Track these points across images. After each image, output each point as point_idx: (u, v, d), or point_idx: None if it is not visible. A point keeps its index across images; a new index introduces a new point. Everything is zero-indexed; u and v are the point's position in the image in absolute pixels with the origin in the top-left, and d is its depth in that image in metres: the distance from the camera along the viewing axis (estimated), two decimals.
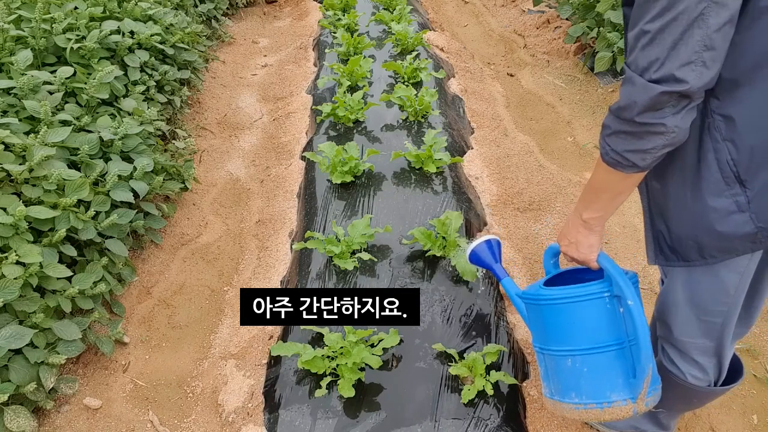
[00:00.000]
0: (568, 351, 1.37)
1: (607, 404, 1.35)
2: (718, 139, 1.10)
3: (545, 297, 1.38)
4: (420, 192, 2.49)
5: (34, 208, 1.87)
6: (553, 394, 1.44)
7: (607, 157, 1.13)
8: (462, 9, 5.71)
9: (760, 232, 1.11)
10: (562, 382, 1.41)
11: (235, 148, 3.30)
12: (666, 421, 1.68)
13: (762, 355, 2.05)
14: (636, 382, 1.33)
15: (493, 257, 1.79)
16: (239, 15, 5.14)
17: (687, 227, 1.21)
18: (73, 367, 1.99)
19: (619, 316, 1.33)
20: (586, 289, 1.33)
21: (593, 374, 1.35)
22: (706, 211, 1.15)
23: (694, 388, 1.45)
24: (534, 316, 1.47)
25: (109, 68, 2.45)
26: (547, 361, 1.44)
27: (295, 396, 1.70)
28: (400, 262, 2.13)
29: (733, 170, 1.11)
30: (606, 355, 1.34)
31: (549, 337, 1.41)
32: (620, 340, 1.33)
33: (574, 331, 1.36)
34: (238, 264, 2.51)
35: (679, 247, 1.24)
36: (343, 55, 3.74)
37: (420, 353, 1.80)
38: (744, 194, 1.11)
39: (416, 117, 3.03)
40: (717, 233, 1.15)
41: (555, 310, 1.38)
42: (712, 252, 1.19)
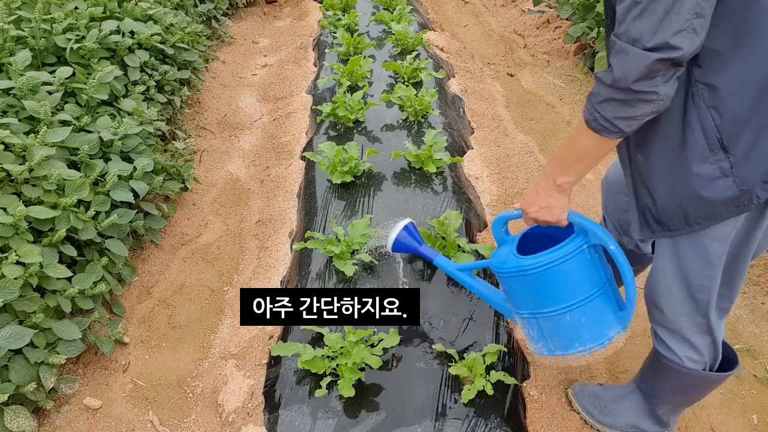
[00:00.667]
0: (565, 308, 1.43)
1: (608, 341, 1.45)
2: (702, 107, 1.14)
3: (533, 265, 1.42)
4: (420, 192, 2.49)
5: (34, 208, 1.87)
6: (554, 350, 1.50)
7: (595, 124, 1.18)
8: (462, 9, 5.71)
9: (743, 195, 1.16)
10: (564, 337, 1.47)
11: (235, 148, 3.30)
12: (666, 418, 1.68)
13: (762, 355, 2.05)
14: (625, 314, 1.45)
15: (417, 241, 1.85)
16: (239, 15, 5.14)
17: (673, 196, 1.25)
18: (73, 367, 1.99)
19: (597, 262, 1.44)
20: (568, 247, 1.40)
21: (591, 321, 1.44)
22: (691, 177, 1.19)
23: (691, 374, 1.48)
24: (519, 285, 1.50)
25: (109, 68, 2.45)
26: (542, 323, 1.49)
27: (295, 396, 1.70)
28: (400, 262, 2.13)
29: (717, 137, 1.15)
30: (597, 300, 1.43)
31: (542, 300, 1.46)
32: (602, 283, 1.44)
33: (568, 288, 1.43)
34: (238, 264, 2.51)
35: (666, 217, 1.28)
36: (343, 55, 3.74)
37: (420, 353, 1.80)
38: (727, 159, 1.15)
39: (416, 117, 3.03)
40: (702, 199, 1.19)
41: (545, 275, 1.42)
42: (698, 219, 1.23)
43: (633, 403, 1.72)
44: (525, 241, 1.56)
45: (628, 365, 2.03)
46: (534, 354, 1.58)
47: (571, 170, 1.32)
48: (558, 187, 1.35)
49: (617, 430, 1.75)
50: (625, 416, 1.73)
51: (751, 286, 2.30)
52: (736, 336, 2.13)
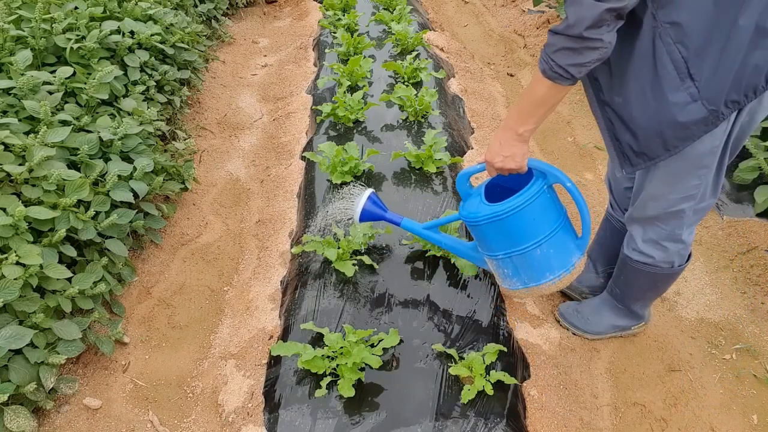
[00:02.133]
0: (536, 243, 1.64)
1: (572, 267, 1.68)
2: (669, 43, 1.32)
3: (507, 209, 1.61)
4: (420, 192, 2.49)
5: (34, 208, 1.87)
6: (527, 283, 1.72)
7: (551, 72, 1.35)
8: (462, 9, 5.70)
9: (711, 114, 1.35)
10: (536, 269, 1.69)
11: (235, 148, 3.30)
12: (641, 312, 2.01)
13: (762, 355, 2.05)
14: (583, 240, 1.69)
15: (381, 209, 2.00)
16: (239, 15, 5.14)
17: (652, 126, 1.42)
18: (73, 367, 1.99)
19: (556, 199, 1.67)
20: (534, 188, 1.61)
21: (558, 251, 1.67)
22: (667, 106, 1.38)
23: (660, 272, 1.76)
24: (493, 230, 1.68)
25: (109, 68, 2.45)
26: (516, 260, 1.69)
27: (295, 396, 1.70)
28: (400, 262, 2.13)
29: (685, 67, 1.33)
30: (560, 232, 1.66)
31: (517, 239, 1.66)
32: (562, 217, 1.67)
33: (537, 225, 1.63)
34: (238, 264, 2.51)
35: (646, 147, 1.47)
36: (343, 55, 3.74)
37: (420, 353, 1.80)
38: (694, 86, 1.34)
39: (416, 117, 3.03)
40: (679, 124, 1.38)
41: (517, 216, 1.62)
42: (675, 142, 1.42)
43: (609, 308, 2.04)
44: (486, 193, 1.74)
45: (627, 365, 2.03)
46: (506, 290, 1.80)
47: (531, 119, 1.47)
48: (519, 136, 1.51)
49: (602, 334, 2.07)
50: (605, 321, 2.05)
51: (751, 286, 2.30)
52: (736, 336, 2.13)
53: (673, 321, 2.20)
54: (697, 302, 2.28)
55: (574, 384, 1.91)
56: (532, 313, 2.12)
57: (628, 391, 1.94)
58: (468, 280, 2.06)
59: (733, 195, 2.64)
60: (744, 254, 2.41)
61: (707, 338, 2.13)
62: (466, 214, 1.73)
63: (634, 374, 2.00)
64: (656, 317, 2.21)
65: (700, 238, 2.55)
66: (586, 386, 1.93)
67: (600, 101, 1.51)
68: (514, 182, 1.68)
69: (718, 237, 2.54)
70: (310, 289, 2.05)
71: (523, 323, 2.05)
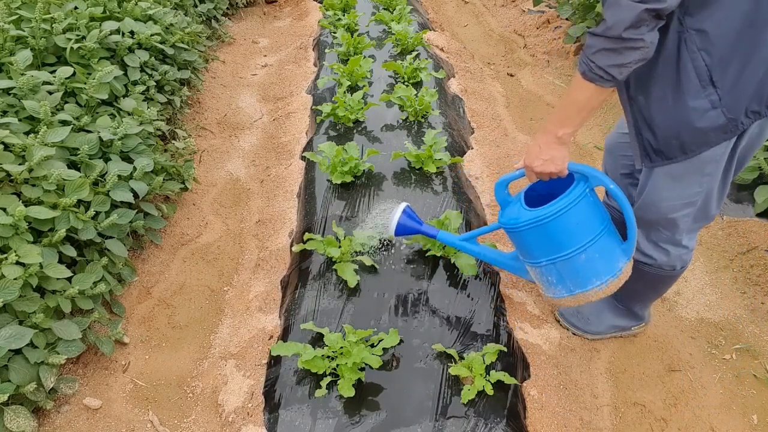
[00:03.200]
0: (580, 248, 1.61)
1: (618, 272, 1.65)
2: (694, 50, 1.33)
3: (549, 213, 1.59)
4: (420, 192, 2.49)
5: (34, 208, 1.87)
6: (573, 290, 1.69)
7: (591, 74, 1.35)
8: (462, 9, 5.70)
9: (730, 123, 1.37)
10: (581, 275, 1.65)
11: (235, 148, 3.30)
12: (641, 312, 2.03)
13: (762, 355, 2.05)
14: (628, 244, 1.65)
15: (417, 222, 2.00)
16: (239, 15, 5.14)
17: (671, 128, 1.44)
18: (73, 367, 1.99)
19: (598, 202, 1.64)
20: (575, 191, 1.59)
21: (603, 256, 1.63)
22: (687, 112, 1.39)
23: (664, 274, 1.77)
24: (535, 236, 1.66)
25: (109, 68, 2.45)
26: (560, 266, 1.66)
27: (295, 396, 1.70)
28: (400, 262, 2.13)
29: (708, 74, 1.34)
30: (604, 236, 1.63)
31: (560, 245, 1.63)
32: (606, 220, 1.65)
33: (580, 229, 1.61)
34: (238, 264, 2.51)
35: (665, 147, 1.48)
36: (343, 55, 3.74)
37: (420, 353, 1.80)
38: (716, 93, 1.35)
39: (416, 117, 3.03)
40: (696, 129, 1.40)
41: (560, 221, 1.59)
42: (692, 147, 1.44)
43: (609, 309, 2.05)
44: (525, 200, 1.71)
45: (627, 365, 2.03)
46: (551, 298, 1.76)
47: (571, 122, 1.48)
48: (559, 139, 1.51)
49: (602, 334, 2.08)
50: (606, 321, 2.06)
51: (751, 286, 2.30)
52: (736, 336, 2.13)
53: (673, 321, 2.20)
54: (697, 302, 2.28)
55: (574, 384, 1.91)
56: (532, 313, 2.12)
57: (628, 391, 1.94)
58: (468, 280, 2.06)
59: (733, 195, 2.64)
60: (744, 254, 2.41)
61: (707, 338, 2.13)
62: (506, 220, 1.69)
63: (634, 374, 2.00)
64: (656, 317, 2.21)
65: (700, 238, 2.55)
66: (586, 386, 1.93)
67: (628, 96, 1.52)
68: (553, 189, 1.66)
69: (718, 237, 2.54)
70: (310, 289, 2.05)
71: (523, 323, 2.05)
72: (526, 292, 2.21)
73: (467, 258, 2.04)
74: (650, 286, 1.87)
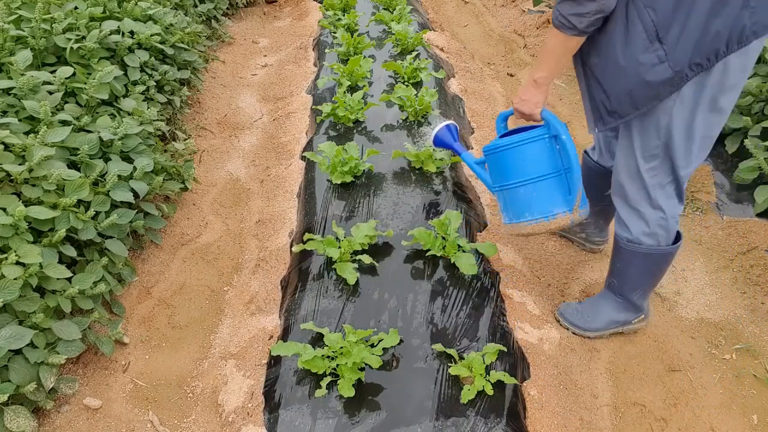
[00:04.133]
0: (521, 182, 1.83)
1: (552, 216, 1.82)
2: (641, 7, 1.46)
3: (505, 144, 1.84)
4: (420, 192, 2.49)
5: (34, 208, 1.87)
6: (512, 219, 1.91)
7: (557, 21, 1.53)
8: (462, 9, 5.70)
9: (676, 75, 1.49)
10: (518, 206, 1.87)
11: (235, 148, 3.30)
12: (640, 303, 2.05)
13: (762, 355, 2.05)
14: (571, 198, 1.79)
15: (453, 138, 2.28)
16: (239, 15, 5.14)
17: (622, 85, 1.57)
18: (73, 367, 1.99)
19: (556, 152, 1.80)
20: (533, 132, 1.80)
21: (540, 196, 1.82)
22: (637, 67, 1.52)
23: (650, 252, 1.85)
24: (495, 162, 1.91)
25: (109, 68, 2.45)
26: (506, 194, 1.90)
27: (295, 396, 1.70)
28: (400, 262, 2.13)
29: (654, 30, 1.46)
30: (549, 180, 1.81)
31: (508, 174, 1.87)
32: (557, 170, 1.80)
33: (526, 165, 1.82)
34: (238, 264, 2.51)
35: (617, 106, 1.62)
36: (343, 55, 3.74)
37: (420, 353, 1.80)
38: (662, 48, 1.48)
39: (416, 117, 3.03)
40: (646, 83, 1.53)
41: (512, 153, 1.83)
42: (643, 101, 1.56)
43: (608, 303, 2.08)
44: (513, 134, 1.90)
45: (627, 365, 2.03)
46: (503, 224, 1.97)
47: (543, 66, 1.67)
48: (534, 82, 1.71)
49: (601, 330, 2.10)
50: (605, 317, 2.09)
51: (751, 286, 2.30)
52: (736, 336, 2.13)
53: (673, 321, 2.20)
54: (697, 302, 2.28)
55: (574, 384, 1.91)
56: (532, 313, 2.12)
57: (628, 391, 1.94)
58: (468, 280, 2.06)
59: (733, 195, 2.64)
60: (744, 254, 2.41)
61: (707, 338, 2.13)
62: (484, 147, 1.96)
63: (634, 374, 2.00)
64: (656, 317, 2.21)
65: (700, 238, 2.55)
66: (586, 386, 1.93)
67: (582, 62, 1.68)
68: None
69: (718, 237, 2.54)
70: (310, 289, 2.05)
71: (523, 323, 2.05)
72: (526, 292, 2.21)
73: (467, 258, 2.04)
74: (644, 269, 1.93)
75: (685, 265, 2.43)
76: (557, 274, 2.39)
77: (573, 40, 1.55)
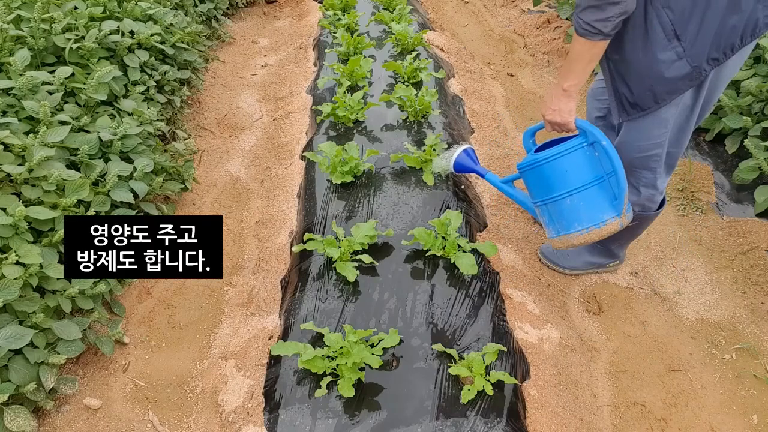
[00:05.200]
0: (566, 193, 1.83)
1: (602, 223, 1.83)
2: (659, 7, 1.52)
3: (544, 157, 1.83)
4: (420, 191, 2.49)
5: (34, 208, 1.87)
6: (560, 232, 1.90)
7: (581, 30, 1.56)
8: (462, 9, 5.70)
9: (694, 71, 1.57)
10: (566, 218, 1.86)
11: (235, 148, 3.30)
12: (617, 252, 2.25)
13: (762, 355, 2.05)
14: (618, 202, 1.80)
15: (473, 161, 2.31)
16: (239, 15, 5.13)
17: (644, 81, 1.64)
18: (73, 367, 1.99)
19: (596, 159, 1.81)
20: (571, 143, 1.80)
21: (588, 205, 1.82)
22: (656, 64, 1.59)
23: (638, 215, 1.97)
24: (534, 177, 1.91)
25: (108, 68, 2.45)
26: (550, 208, 1.90)
27: (295, 396, 1.70)
28: (400, 262, 2.13)
29: (672, 29, 1.53)
30: (593, 188, 1.82)
31: (550, 187, 1.86)
32: (600, 176, 1.81)
33: (569, 176, 1.82)
34: (238, 264, 2.51)
35: (640, 100, 1.68)
36: (343, 55, 3.74)
37: (420, 353, 1.80)
38: (681, 45, 1.55)
39: (416, 117, 3.03)
40: (666, 79, 1.60)
41: (553, 165, 1.83)
42: (663, 96, 1.64)
43: (587, 247, 2.25)
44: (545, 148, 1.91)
45: (627, 365, 2.03)
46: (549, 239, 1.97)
47: (572, 74, 1.68)
48: (564, 91, 1.72)
49: (579, 269, 2.32)
50: (583, 258, 2.28)
51: (751, 285, 2.30)
52: (736, 336, 2.13)
53: (673, 321, 2.20)
54: (697, 302, 2.28)
55: (574, 384, 1.91)
56: (532, 313, 2.12)
57: (628, 391, 1.94)
58: (468, 280, 2.06)
59: (733, 195, 2.64)
60: (744, 254, 2.41)
61: (707, 338, 2.13)
62: (519, 164, 1.95)
63: (634, 374, 2.00)
64: (656, 317, 2.21)
65: (700, 238, 2.55)
66: (586, 386, 1.93)
67: (606, 57, 1.70)
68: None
69: (718, 237, 2.54)
70: (310, 289, 2.05)
71: (523, 323, 2.05)
72: (526, 292, 2.21)
73: (467, 258, 2.04)
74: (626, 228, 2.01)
75: (685, 265, 2.43)
76: (557, 274, 2.39)
77: (599, 45, 1.58)
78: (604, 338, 2.13)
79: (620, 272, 2.40)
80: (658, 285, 2.34)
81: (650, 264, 2.44)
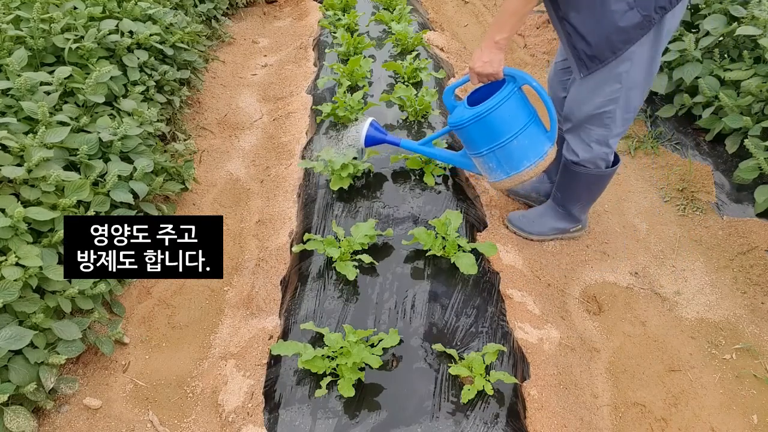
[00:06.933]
0: (513, 135, 1.99)
1: (545, 154, 2.03)
2: None
3: (486, 108, 1.96)
4: (420, 191, 2.49)
5: (33, 209, 1.87)
6: (509, 172, 2.07)
7: None
8: (462, 9, 5.70)
9: (644, 19, 1.73)
10: (515, 158, 2.03)
11: (235, 148, 3.30)
12: (578, 215, 2.39)
13: (762, 355, 2.05)
14: (552, 132, 2.03)
15: (383, 133, 2.39)
16: (239, 15, 5.13)
17: (601, 33, 1.78)
18: (73, 367, 1.99)
19: (525, 99, 2.02)
20: (507, 89, 1.96)
21: (531, 142, 2.01)
22: (611, 14, 1.74)
23: (592, 173, 2.14)
24: (478, 129, 2.02)
25: (106, 68, 2.44)
26: (498, 153, 2.04)
27: (295, 396, 1.70)
28: (400, 262, 2.13)
29: None
30: (532, 125, 2.01)
31: (498, 134, 2.00)
32: (532, 113, 2.03)
33: (513, 120, 1.98)
34: (238, 264, 2.51)
35: (598, 52, 1.83)
36: (343, 55, 3.73)
37: (420, 353, 1.80)
38: None
39: (416, 117, 3.03)
40: (620, 28, 1.75)
41: (496, 114, 1.96)
42: (619, 45, 1.78)
43: (551, 212, 2.42)
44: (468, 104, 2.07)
45: (627, 365, 2.03)
46: (494, 183, 2.14)
47: (505, 27, 1.82)
48: (496, 44, 1.85)
49: (544, 234, 2.45)
50: (548, 223, 2.43)
51: (751, 285, 2.30)
52: (736, 336, 2.13)
53: (673, 321, 2.20)
54: (697, 302, 2.28)
55: (574, 384, 1.91)
56: (532, 313, 2.12)
57: (628, 391, 1.95)
58: (468, 280, 2.06)
59: (733, 195, 2.64)
60: (744, 254, 2.41)
61: (707, 338, 2.13)
62: (453, 121, 2.06)
63: (634, 374, 2.00)
64: (656, 317, 2.21)
65: (700, 238, 2.55)
66: (586, 386, 1.93)
67: (558, 17, 1.86)
68: (490, 93, 1.99)
69: (718, 237, 2.54)
70: (310, 289, 2.05)
71: (523, 323, 2.05)
72: (526, 292, 2.21)
73: (467, 258, 2.04)
74: (584, 187, 2.23)
75: (685, 265, 2.43)
76: (557, 274, 2.39)
77: (532, 1, 1.74)
78: (604, 338, 2.13)
79: (620, 272, 2.40)
80: (658, 285, 2.35)
81: (650, 264, 2.44)
